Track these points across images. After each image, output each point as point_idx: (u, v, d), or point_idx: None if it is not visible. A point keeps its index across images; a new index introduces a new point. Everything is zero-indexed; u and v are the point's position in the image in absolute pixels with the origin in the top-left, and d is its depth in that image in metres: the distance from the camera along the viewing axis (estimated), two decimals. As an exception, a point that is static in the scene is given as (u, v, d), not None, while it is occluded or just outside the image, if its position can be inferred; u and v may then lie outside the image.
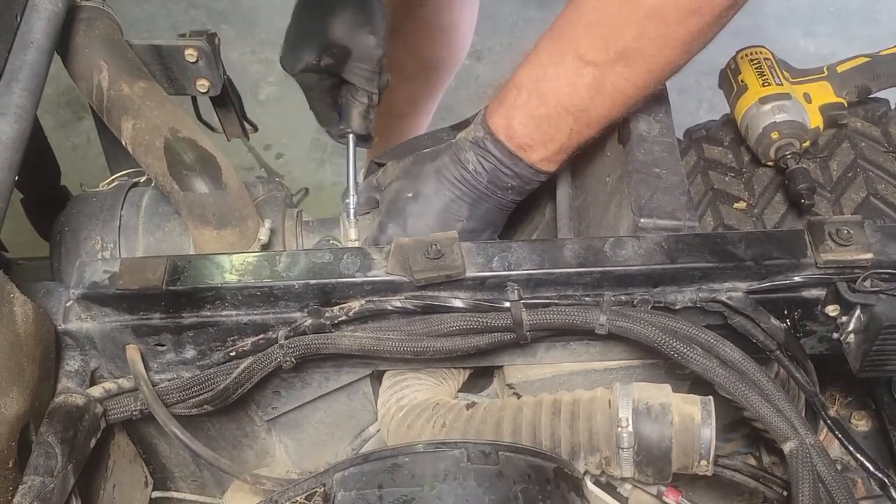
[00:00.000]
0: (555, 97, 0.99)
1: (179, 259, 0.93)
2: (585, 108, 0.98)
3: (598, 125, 1.01)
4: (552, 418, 0.92)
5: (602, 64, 0.96)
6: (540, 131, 1.01)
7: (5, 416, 0.81)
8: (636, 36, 0.93)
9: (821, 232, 0.91)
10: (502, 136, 1.02)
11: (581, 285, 0.92)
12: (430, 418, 0.96)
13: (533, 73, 1.01)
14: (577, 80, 0.97)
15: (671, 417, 0.88)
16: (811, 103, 1.25)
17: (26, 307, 0.87)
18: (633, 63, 0.95)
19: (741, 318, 0.92)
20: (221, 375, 0.96)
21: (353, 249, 0.93)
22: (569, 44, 0.98)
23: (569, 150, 1.03)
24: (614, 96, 0.98)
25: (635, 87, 0.98)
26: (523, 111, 1.01)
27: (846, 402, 1.24)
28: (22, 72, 0.91)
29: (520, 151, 1.02)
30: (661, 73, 0.98)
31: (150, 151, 1.02)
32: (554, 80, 0.99)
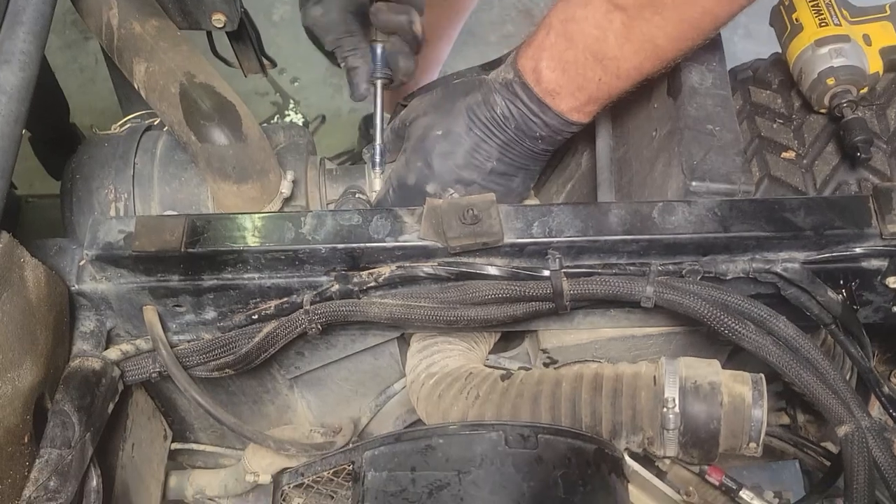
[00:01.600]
0: (582, 41, 0.92)
1: (198, 219, 0.87)
2: (614, 57, 0.91)
3: (630, 77, 0.93)
4: (593, 394, 0.87)
5: (630, 8, 0.88)
6: (567, 77, 0.93)
7: (19, 388, 0.77)
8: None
9: (888, 200, 0.84)
10: (530, 79, 0.95)
11: (626, 253, 0.86)
12: (462, 388, 0.92)
13: (563, 13, 0.94)
14: (605, 24, 0.90)
15: (720, 398, 0.84)
16: (871, 46, 1.16)
17: (38, 271, 0.82)
18: (663, 9, 0.87)
19: (796, 289, 0.86)
20: (244, 338, 0.92)
21: (383, 211, 0.87)
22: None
23: (599, 101, 0.95)
24: (644, 46, 0.90)
25: (668, 37, 0.89)
26: (550, 53, 0.94)
27: (885, 357, 1.20)
28: (25, 13, 0.84)
29: (547, 98, 0.95)
30: (698, 25, 0.89)
31: (164, 97, 0.95)
32: (582, 22, 0.91)
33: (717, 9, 0.88)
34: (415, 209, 0.88)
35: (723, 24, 0.92)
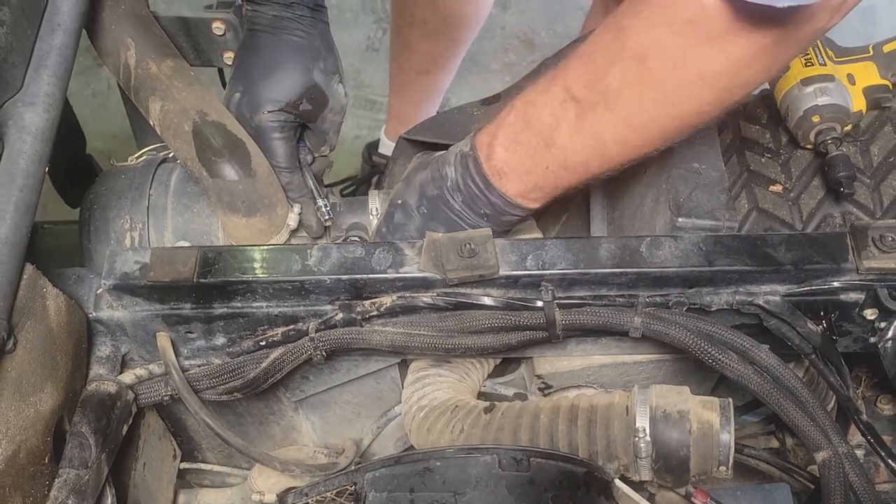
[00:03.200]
0: (536, 125, 0.93)
1: (210, 250, 0.92)
2: (563, 147, 0.92)
3: (576, 172, 0.94)
4: (569, 426, 0.91)
5: (585, 102, 0.89)
6: (517, 158, 0.95)
7: (41, 412, 0.82)
8: (619, 77, 0.86)
9: (864, 237, 0.89)
10: (482, 154, 0.96)
11: (616, 285, 0.90)
12: (448, 422, 0.96)
13: (526, 96, 0.96)
14: (559, 113, 0.91)
15: (689, 425, 0.87)
16: (855, 85, 1.21)
17: (58, 300, 0.86)
18: (615, 109, 0.88)
19: (777, 321, 0.91)
20: (251, 364, 0.96)
21: (385, 244, 0.92)
22: (561, 73, 0.92)
23: (544, 189, 0.96)
24: (592, 141, 0.91)
25: (615, 138, 0.90)
26: (506, 132, 0.95)
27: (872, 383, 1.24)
28: (50, 57, 0.90)
29: (494, 177, 0.96)
30: (645, 132, 0.90)
31: (178, 135, 1.00)
32: (539, 108, 0.93)
33: (664, 118, 0.88)
34: (415, 242, 0.92)
35: (672, 138, 0.92)
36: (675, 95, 0.86)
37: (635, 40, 0.85)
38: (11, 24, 0.85)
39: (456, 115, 1.26)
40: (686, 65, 0.83)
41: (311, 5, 1.09)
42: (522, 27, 2.73)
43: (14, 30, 0.85)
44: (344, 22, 2.74)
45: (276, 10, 1.08)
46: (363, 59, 2.68)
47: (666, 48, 0.83)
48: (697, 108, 0.87)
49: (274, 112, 1.06)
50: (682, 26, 0.81)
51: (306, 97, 1.06)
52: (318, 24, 1.10)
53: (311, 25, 1.09)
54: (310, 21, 1.09)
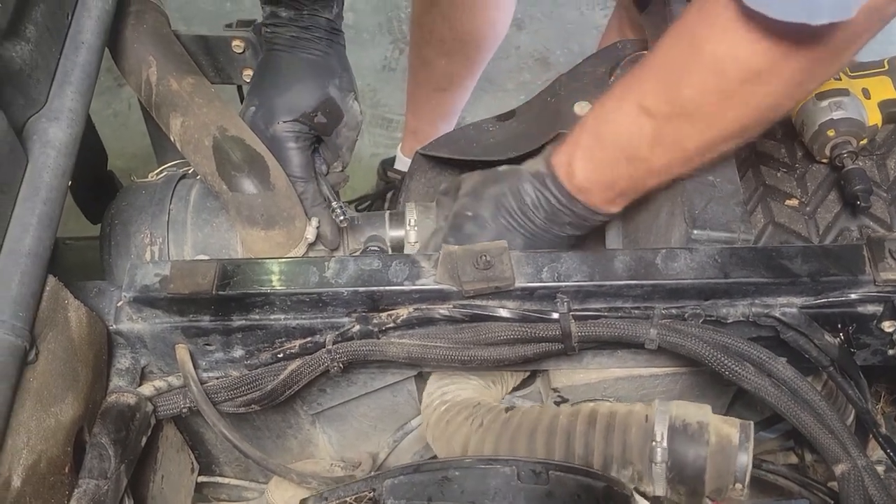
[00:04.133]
0: (613, 142, 0.95)
1: (229, 263, 0.93)
2: (645, 158, 0.94)
3: (660, 175, 0.96)
4: (587, 428, 0.91)
5: (661, 115, 0.91)
6: (598, 174, 0.97)
7: (61, 422, 0.83)
8: (696, 88, 0.88)
9: (881, 249, 0.89)
10: (562, 175, 0.99)
11: (631, 297, 0.91)
12: (469, 416, 0.97)
13: (597, 115, 0.98)
14: (635, 129, 0.93)
15: (708, 437, 0.87)
16: (870, 99, 1.21)
17: (80, 312, 0.88)
18: (694, 119, 0.90)
19: (794, 333, 0.91)
20: (269, 376, 0.96)
21: (402, 256, 0.93)
22: (632, 90, 0.93)
23: (629, 195, 0.99)
24: (674, 151, 0.93)
25: (697, 145, 0.92)
26: (583, 152, 0.97)
27: (893, 398, 1.23)
28: (74, 73, 0.91)
29: (579, 194, 0.98)
30: (725, 135, 0.92)
31: (198, 150, 1.02)
32: (613, 125, 0.95)
33: (744, 121, 0.91)
34: (431, 255, 0.93)
35: (752, 135, 0.94)
36: (754, 97, 0.87)
37: (710, 50, 0.86)
38: (36, 41, 0.87)
39: (471, 131, 1.27)
40: (761, 67, 0.84)
41: (327, 28, 1.12)
42: (537, 46, 2.75)
43: (39, 47, 0.87)
44: (361, 42, 2.77)
45: (293, 32, 1.10)
46: (380, 78, 2.70)
47: (741, 55, 0.84)
48: (775, 103, 0.89)
49: (289, 122, 1.08)
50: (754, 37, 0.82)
51: (321, 110, 1.08)
52: (334, 45, 1.13)
53: (327, 46, 1.11)
54: (326, 42, 1.11)
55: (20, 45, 0.84)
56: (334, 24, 1.13)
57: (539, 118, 1.22)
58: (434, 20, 1.95)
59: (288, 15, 1.10)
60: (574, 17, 2.82)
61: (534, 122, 1.22)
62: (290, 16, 1.10)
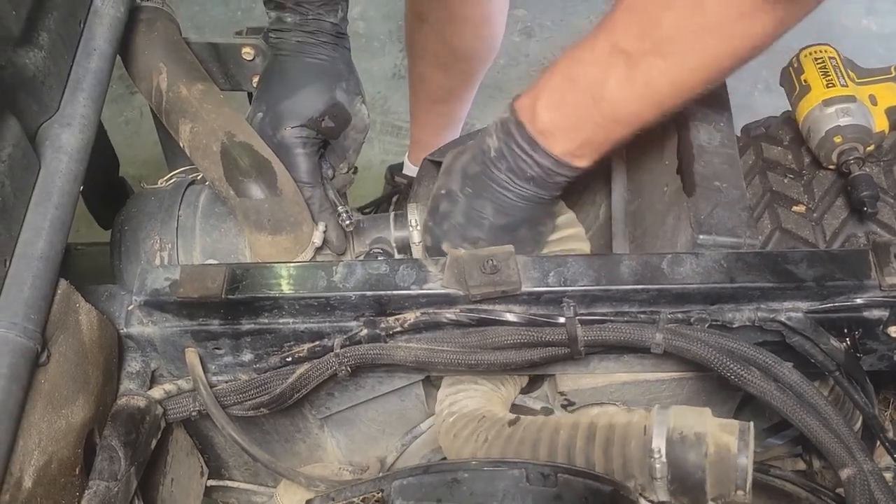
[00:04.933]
0: (584, 82, 0.92)
1: (238, 268, 0.94)
2: (614, 100, 0.91)
3: (628, 123, 0.93)
4: (587, 443, 0.91)
5: (635, 53, 0.88)
6: (563, 117, 0.94)
7: (72, 424, 0.84)
8: (673, 24, 0.86)
9: (886, 254, 0.89)
10: (525, 117, 0.96)
11: (637, 302, 0.91)
12: (474, 431, 0.97)
13: (568, 56, 0.95)
14: (608, 67, 0.90)
15: (706, 448, 0.86)
16: (877, 106, 1.21)
17: (91, 315, 0.89)
18: (668, 55, 0.87)
19: (800, 337, 0.91)
20: (278, 379, 0.97)
21: (409, 261, 0.94)
22: (606, 28, 0.91)
23: (594, 145, 0.95)
24: (646, 91, 0.90)
25: (671, 84, 0.90)
26: (550, 93, 0.94)
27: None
28: (86, 80, 0.93)
29: (541, 137, 0.95)
30: (701, 74, 0.90)
31: (206, 155, 1.03)
32: (586, 65, 0.92)
33: (721, 60, 0.89)
34: (438, 259, 0.94)
35: (726, 74, 0.92)
36: (731, 31, 0.86)
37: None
38: (49, 48, 0.88)
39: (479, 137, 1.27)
40: (745, 10, 0.83)
41: (332, 32, 1.12)
42: (547, 54, 2.76)
43: (52, 54, 0.88)
44: (372, 50, 2.78)
45: (299, 37, 1.11)
46: (390, 86, 2.72)
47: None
48: (754, 41, 0.87)
49: (296, 128, 1.08)
50: None
51: (329, 114, 1.09)
52: (339, 49, 1.13)
53: (333, 50, 1.12)
54: (332, 46, 1.12)
55: (33, 53, 0.85)
56: (339, 27, 1.14)
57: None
58: (426, 37, 1.96)
59: (293, 20, 1.10)
60: (583, 26, 2.83)
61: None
62: (296, 21, 1.10)
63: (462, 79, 2.06)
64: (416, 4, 1.94)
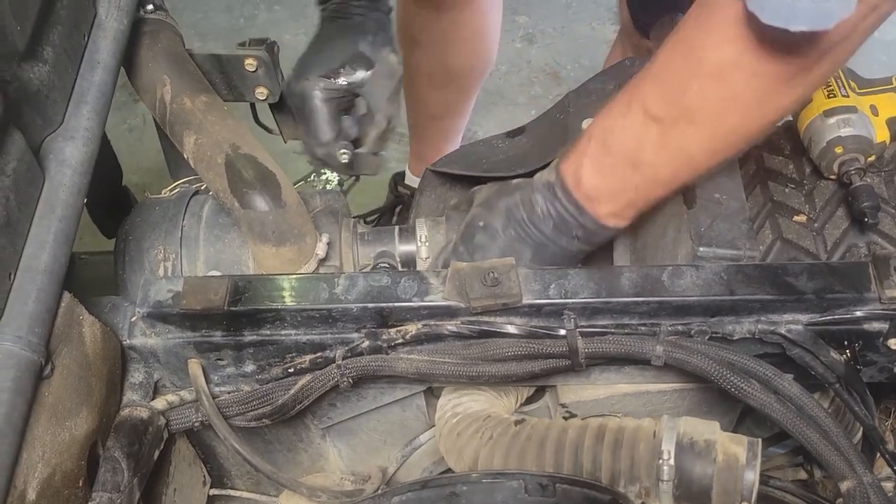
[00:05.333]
0: (620, 149, 0.96)
1: (240, 279, 0.94)
2: (652, 164, 0.95)
3: (667, 184, 0.97)
4: (595, 443, 0.92)
5: (666, 120, 0.92)
6: (606, 183, 0.98)
7: (75, 436, 0.84)
8: (698, 94, 0.89)
9: (886, 266, 0.89)
10: (570, 183, 0.99)
11: (638, 314, 0.91)
12: (479, 429, 0.98)
13: (603, 123, 0.98)
14: (642, 134, 0.93)
15: (715, 455, 0.87)
16: (878, 116, 1.21)
17: (94, 327, 0.89)
18: (697, 123, 0.91)
19: (800, 350, 0.91)
20: (280, 390, 0.98)
21: (411, 273, 0.94)
22: (636, 96, 0.94)
23: (636, 206, 0.99)
24: (679, 155, 0.94)
25: (701, 149, 0.93)
26: (591, 160, 0.98)
27: (904, 416, 1.23)
28: (90, 93, 0.93)
29: (587, 203, 0.99)
30: (732, 139, 0.93)
31: (211, 167, 1.04)
32: (620, 132, 0.96)
33: (749, 125, 0.92)
34: (440, 272, 0.94)
35: (755, 139, 0.95)
36: (757, 102, 0.88)
37: (711, 58, 0.87)
38: (54, 62, 0.89)
39: (481, 148, 1.28)
40: (766, 74, 0.86)
41: None
42: (548, 61, 2.76)
43: (56, 68, 0.89)
44: (374, 57, 2.78)
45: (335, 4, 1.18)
46: (392, 93, 2.72)
47: (744, 63, 0.85)
48: (780, 113, 0.91)
49: (315, 78, 1.13)
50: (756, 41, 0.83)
51: (349, 63, 1.13)
52: (373, 11, 1.18)
53: (365, 10, 1.17)
54: (364, 8, 1.17)
55: (38, 67, 0.86)
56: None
57: (548, 135, 1.23)
58: (420, 58, 1.97)
59: None
60: (585, 32, 2.84)
61: (543, 139, 1.23)
62: None
63: (458, 94, 2.06)
64: (408, 26, 1.94)
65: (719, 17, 0.85)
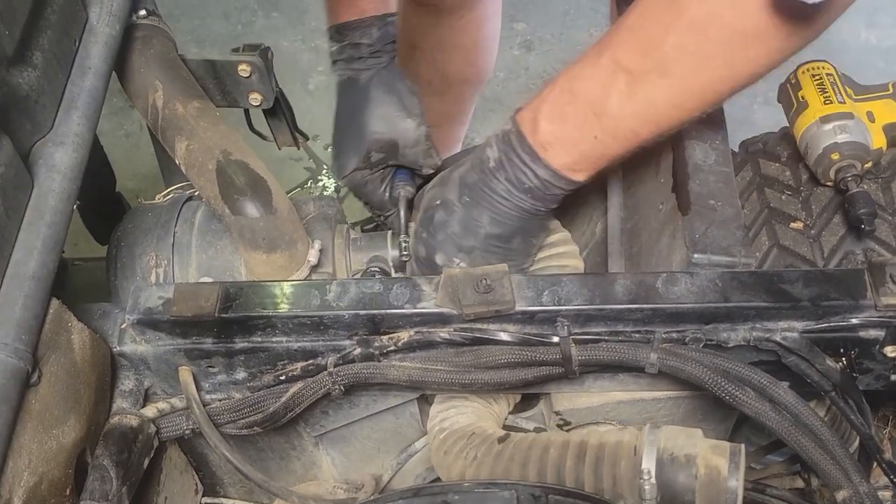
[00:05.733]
0: (584, 96, 0.94)
1: (231, 286, 0.94)
2: (613, 116, 0.92)
3: (626, 139, 0.95)
4: (577, 462, 0.90)
5: (637, 71, 0.90)
6: (563, 129, 0.95)
7: (63, 444, 0.84)
8: (675, 46, 0.87)
9: (881, 273, 0.88)
10: (526, 129, 0.97)
11: (632, 321, 0.91)
12: (463, 448, 0.97)
13: (570, 71, 0.96)
14: (609, 83, 0.92)
15: (696, 470, 0.85)
16: (874, 122, 1.21)
17: (83, 334, 0.88)
18: (669, 76, 0.89)
19: (796, 357, 0.90)
20: (271, 398, 0.97)
21: (403, 280, 0.93)
22: (608, 46, 0.93)
23: (592, 160, 0.97)
24: (646, 109, 0.92)
25: (669, 104, 0.92)
26: (551, 105, 0.96)
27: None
28: (80, 98, 0.93)
29: (541, 150, 0.96)
30: (701, 96, 0.91)
31: (202, 173, 1.03)
32: (587, 80, 0.94)
33: (721, 84, 0.91)
34: (433, 278, 0.94)
35: (725, 98, 0.94)
36: (733, 60, 0.87)
37: (693, 11, 0.86)
38: (43, 67, 0.88)
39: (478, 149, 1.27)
40: (746, 30, 0.84)
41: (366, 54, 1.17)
42: (546, 67, 2.76)
43: (46, 73, 0.88)
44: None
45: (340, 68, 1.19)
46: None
47: (725, 18, 0.84)
48: (754, 69, 0.89)
49: (353, 173, 1.17)
50: None
51: (374, 150, 1.15)
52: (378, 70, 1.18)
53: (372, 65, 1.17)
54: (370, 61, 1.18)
55: (27, 72, 0.85)
56: (373, 47, 1.18)
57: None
58: (418, 64, 1.96)
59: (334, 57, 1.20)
60: (583, 39, 2.83)
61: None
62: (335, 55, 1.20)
63: (456, 103, 2.06)
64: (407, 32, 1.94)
65: None
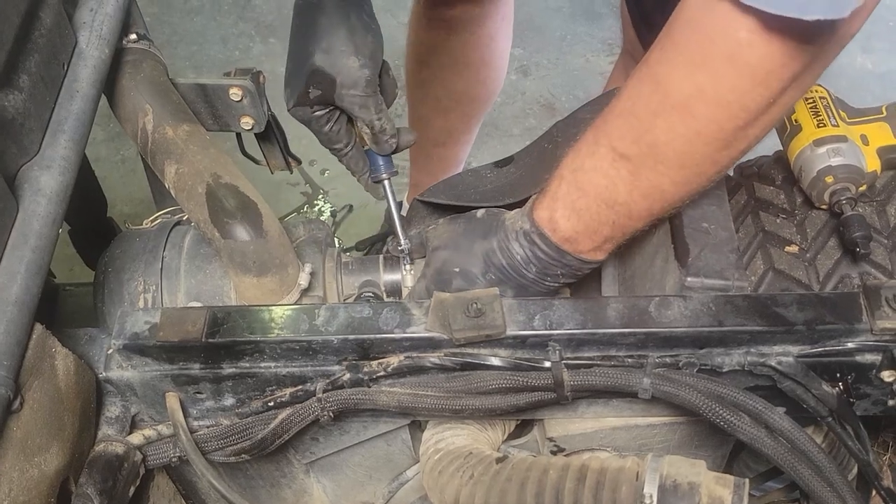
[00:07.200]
0: (592, 190, 0.94)
1: (219, 311, 0.93)
2: (625, 202, 0.93)
3: (641, 218, 0.95)
4: (577, 485, 0.89)
5: (634, 157, 0.90)
6: (582, 224, 0.96)
7: (45, 473, 0.82)
8: (665, 129, 0.87)
9: (877, 297, 0.87)
10: (547, 229, 0.98)
11: (625, 346, 0.89)
12: (460, 467, 0.95)
13: (572, 163, 0.96)
14: (612, 173, 0.92)
15: (698, 499, 0.84)
16: (868, 146, 1.20)
17: (67, 360, 0.87)
18: (665, 159, 0.89)
19: (791, 382, 0.89)
20: (259, 425, 0.96)
21: (393, 304, 0.92)
22: (603, 134, 0.92)
23: (615, 239, 0.97)
24: (651, 191, 0.92)
25: (673, 183, 0.91)
26: (564, 203, 0.96)
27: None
28: (68, 122, 0.92)
29: (565, 244, 0.97)
30: (700, 172, 0.91)
31: (192, 197, 1.02)
32: (591, 173, 0.94)
33: (716, 157, 0.90)
34: (422, 302, 0.92)
35: (725, 169, 0.93)
36: (723, 134, 0.86)
37: (676, 90, 0.85)
38: (30, 91, 0.87)
39: (469, 177, 1.26)
40: (731, 104, 0.84)
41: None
42: (543, 92, 2.77)
43: (33, 96, 0.88)
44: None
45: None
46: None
47: (708, 94, 0.84)
48: (746, 141, 0.89)
49: (293, 108, 1.12)
50: (721, 67, 0.82)
51: (312, 84, 1.09)
52: None
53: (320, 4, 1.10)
54: None
55: (13, 95, 0.85)
56: None
57: (537, 164, 1.22)
58: (427, 80, 1.97)
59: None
60: (580, 64, 2.84)
61: (531, 169, 1.22)
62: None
63: (462, 121, 2.06)
64: (417, 48, 1.94)
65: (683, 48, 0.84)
